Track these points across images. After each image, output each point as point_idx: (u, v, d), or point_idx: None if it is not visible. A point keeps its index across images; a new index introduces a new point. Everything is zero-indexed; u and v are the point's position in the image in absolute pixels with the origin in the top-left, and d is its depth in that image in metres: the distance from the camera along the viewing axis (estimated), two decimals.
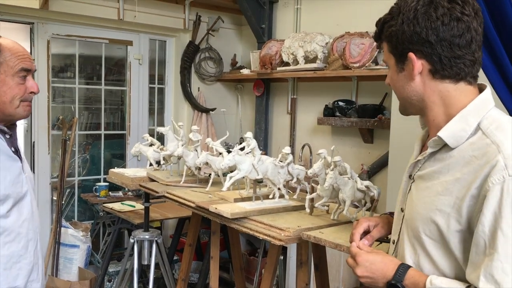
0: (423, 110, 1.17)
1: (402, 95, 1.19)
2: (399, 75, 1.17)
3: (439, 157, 1.13)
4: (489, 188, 0.98)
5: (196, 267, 4.10)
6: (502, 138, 1.03)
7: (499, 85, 1.54)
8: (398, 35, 1.12)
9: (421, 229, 1.11)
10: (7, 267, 1.56)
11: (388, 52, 1.18)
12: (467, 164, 1.05)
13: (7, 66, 1.53)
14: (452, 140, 1.09)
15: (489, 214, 0.98)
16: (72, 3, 3.74)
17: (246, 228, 1.88)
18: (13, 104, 1.56)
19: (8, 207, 1.54)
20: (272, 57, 4.00)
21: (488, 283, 0.97)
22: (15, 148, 1.64)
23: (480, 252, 1.00)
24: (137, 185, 2.63)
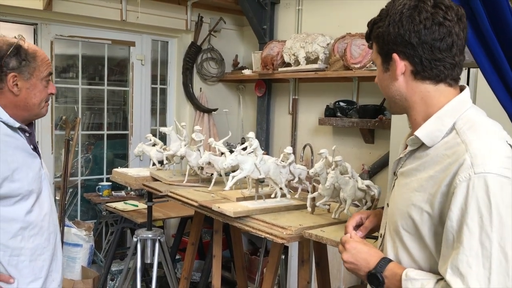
0: (406, 110, 1.23)
1: (387, 94, 1.24)
2: (385, 75, 1.22)
3: (417, 155, 1.18)
4: (456, 185, 1.03)
5: (198, 266, 4.13)
6: (472, 137, 1.07)
7: (499, 89, 1.55)
8: (384, 36, 1.17)
9: (400, 223, 1.17)
10: (32, 259, 1.66)
11: (376, 52, 1.23)
12: (439, 162, 1.10)
13: (39, 71, 1.65)
14: (428, 139, 1.14)
15: (456, 210, 1.02)
16: (75, 4, 3.78)
17: (248, 226, 1.90)
18: (40, 106, 1.69)
19: (32, 202, 1.63)
20: (273, 57, 4.03)
21: (454, 275, 1.01)
22: (34, 146, 1.72)
23: (449, 246, 1.04)
24: (140, 184, 2.65)
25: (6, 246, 1.59)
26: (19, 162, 1.60)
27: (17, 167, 1.59)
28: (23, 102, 1.64)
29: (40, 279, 1.69)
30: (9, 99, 1.62)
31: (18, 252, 1.62)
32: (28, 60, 1.62)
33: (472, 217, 1.00)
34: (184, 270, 2.87)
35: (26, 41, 1.68)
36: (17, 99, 1.63)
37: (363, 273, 1.20)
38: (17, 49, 1.61)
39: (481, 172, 1.01)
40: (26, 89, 1.63)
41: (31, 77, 1.64)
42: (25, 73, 1.62)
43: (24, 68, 1.62)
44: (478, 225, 0.99)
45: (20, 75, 1.61)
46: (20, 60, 1.61)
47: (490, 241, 0.99)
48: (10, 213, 1.59)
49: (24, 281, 1.64)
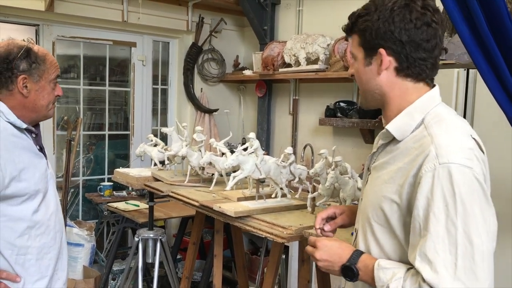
0: (382, 104, 1.25)
1: (366, 87, 1.25)
2: (366, 69, 1.22)
3: (388, 149, 1.23)
4: (422, 175, 1.07)
5: (199, 265, 4.15)
6: (437, 131, 1.12)
7: (497, 89, 1.57)
8: (372, 30, 1.18)
9: (371, 215, 1.20)
10: (39, 258, 1.68)
11: (358, 45, 1.23)
12: (408, 155, 1.15)
13: (48, 73, 1.69)
14: (398, 133, 1.19)
15: (422, 199, 1.06)
16: (77, 5, 3.80)
17: (249, 226, 1.92)
18: (47, 107, 1.72)
19: (38, 201, 1.66)
20: (274, 58, 4.05)
21: (422, 261, 1.05)
22: (40, 146, 1.75)
23: (416, 234, 1.09)
24: (142, 184, 2.68)
25: (13, 244, 1.61)
26: (25, 162, 1.62)
27: (24, 167, 1.61)
28: (32, 103, 1.67)
29: (46, 278, 1.71)
30: (18, 100, 1.65)
31: (24, 251, 1.64)
32: (38, 63, 1.66)
33: (438, 206, 1.04)
34: (185, 269, 2.89)
35: (35, 44, 1.71)
36: (26, 101, 1.66)
37: (337, 268, 1.22)
38: (27, 52, 1.64)
39: (445, 162, 1.05)
40: (35, 91, 1.67)
41: (40, 80, 1.67)
42: (34, 75, 1.65)
43: (34, 71, 1.65)
44: (444, 213, 1.04)
45: (29, 77, 1.65)
46: (30, 62, 1.64)
47: (456, 228, 1.03)
48: (17, 212, 1.61)
49: (30, 280, 1.66)
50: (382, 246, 1.19)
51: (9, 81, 1.63)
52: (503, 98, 1.59)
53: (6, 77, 1.62)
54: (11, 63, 1.61)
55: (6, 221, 1.59)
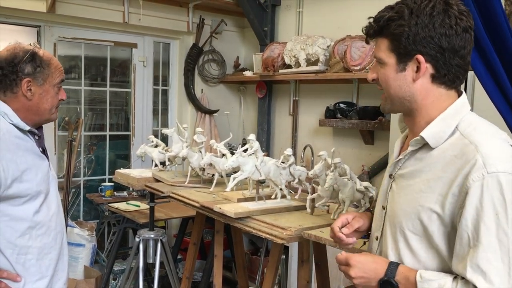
0: (412, 111, 1.22)
1: (397, 94, 1.20)
2: (398, 74, 1.18)
3: (419, 156, 1.20)
4: (469, 185, 1.06)
5: (199, 266, 4.16)
6: (480, 138, 1.11)
7: (494, 92, 1.59)
8: (409, 35, 1.14)
9: (405, 225, 1.18)
10: (39, 258, 1.70)
11: (388, 49, 1.18)
12: (448, 164, 1.12)
13: (52, 78, 1.72)
14: (433, 140, 1.16)
15: (471, 209, 1.05)
16: (78, 7, 3.82)
17: (249, 227, 1.94)
18: (51, 111, 1.75)
19: (40, 202, 1.68)
20: (274, 59, 4.06)
21: (475, 273, 1.04)
22: (43, 148, 1.78)
23: (464, 245, 1.07)
24: (143, 185, 2.69)
25: (14, 244, 1.64)
26: (28, 163, 1.65)
27: (26, 168, 1.64)
28: (35, 106, 1.70)
29: (47, 278, 1.73)
30: (22, 103, 1.68)
31: (25, 251, 1.66)
32: (43, 67, 1.69)
33: (489, 215, 1.03)
34: (185, 269, 2.91)
35: (41, 48, 1.74)
36: (29, 104, 1.69)
37: (375, 283, 1.18)
38: (33, 56, 1.67)
39: (493, 171, 1.04)
40: (39, 94, 1.69)
41: (44, 83, 1.70)
42: (38, 79, 1.68)
43: (38, 74, 1.68)
44: (494, 222, 1.03)
45: (34, 80, 1.68)
46: (35, 66, 1.67)
47: (507, 237, 1.03)
48: (19, 212, 1.63)
49: (31, 279, 1.68)
50: (418, 256, 1.17)
51: (14, 84, 1.66)
52: (500, 100, 1.61)
53: (11, 79, 1.65)
54: (16, 66, 1.64)
55: (8, 221, 1.62)
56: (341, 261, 1.24)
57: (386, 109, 1.27)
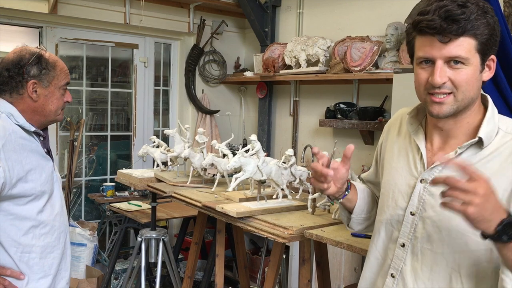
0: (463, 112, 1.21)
1: (475, 95, 1.19)
2: (479, 75, 1.17)
3: (466, 157, 1.19)
4: None
5: (201, 265, 4.19)
6: None
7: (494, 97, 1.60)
8: (492, 35, 1.14)
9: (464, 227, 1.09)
10: (42, 257, 1.73)
11: (473, 49, 1.14)
12: (507, 160, 1.16)
13: (57, 80, 1.76)
14: (487, 140, 1.18)
15: None
16: (80, 8, 3.84)
17: (251, 226, 1.96)
18: (56, 113, 1.78)
19: (43, 202, 1.71)
20: (275, 60, 4.08)
21: None
22: (47, 149, 1.80)
23: None
24: (145, 185, 2.72)
25: (18, 243, 1.66)
26: (33, 164, 1.67)
27: (31, 169, 1.66)
28: (41, 108, 1.73)
29: (50, 276, 1.76)
30: (28, 104, 1.71)
31: (29, 249, 1.69)
32: (48, 69, 1.72)
33: None
34: (187, 269, 2.93)
35: (47, 51, 1.78)
36: (35, 105, 1.72)
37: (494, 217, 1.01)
38: (39, 58, 1.71)
39: None
40: (44, 96, 1.73)
41: (49, 85, 1.74)
42: (44, 81, 1.72)
43: (43, 76, 1.72)
44: None
45: (39, 82, 1.71)
46: (41, 68, 1.71)
47: None
48: (23, 211, 1.66)
49: (34, 278, 1.71)
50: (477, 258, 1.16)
51: (20, 86, 1.69)
52: (502, 107, 1.63)
53: (17, 81, 1.68)
54: (22, 68, 1.68)
55: (12, 220, 1.65)
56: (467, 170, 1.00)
57: (451, 112, 1.19)
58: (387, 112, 3.44)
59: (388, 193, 1.34)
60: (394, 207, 1.31)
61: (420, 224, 1.25)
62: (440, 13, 1.12)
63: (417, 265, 1.25)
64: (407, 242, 1.27)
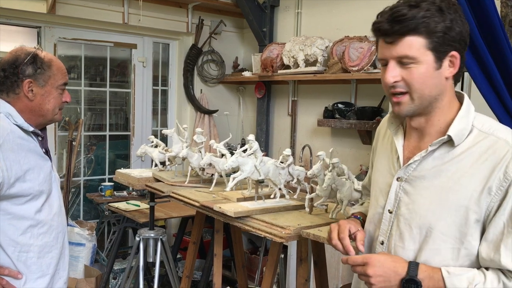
0: (432, 110, 1.21)
1: (431, 93, 1.18)
2: (436, 72, 1.16)
3: (438, 156, 1.20)
4: (510, 177, 1.10)
5: (199, 265, 4.19)
6: (504, 134, 1.16)
7: (489, 95, 1.61)
8: (447, 32, 1.13)
9: (434, 225, 1.18)
10: (40, 256, 1.73)
11: (423, 47, 1.15)
12: (478, 160, 1.14)
13: (54, 79, 1.76)
14: (457, 138, 1.18)
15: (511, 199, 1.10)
16: (78, 8, 3.84)
17: (248, 226, 1.96)
18: (54, 112, 1.78)
19: (41, 202, 1.72)
20: (273, 60, 4.09)
21: (509, 257, 1.08)
22: (46, 149, 1.81)
23: (498, 233, 1.11)
24: (143, 185, 2.71)
25: (16, 242, 1.67)
26: (31, 163, 1.68)
27: (29, 168, 1.67)
28: (38, 107, 1.74)
29: (48, 276, 1.76)
30: (25, 103, 1.72)
31: (27, 249, 1.69)
32: (43, 68, 1.73)
33: None
34: (185, 268, 2.93)
35: (44, 51, 1.79)
36: (32, 104, 1.72)
37: (395, 282, 1.16)
38: (34, 58, 1.72)
39: None
40: (41, 95, 1.73)
41: (45, 84, 1.74)
42: (39, 80, 1.72)
43: (39, 76, 1.72)
44: None
45: (35, 81, 1.72)
46: (36, 68, 1.71)
47: None
48: (21, 211, 1.67)
49: (32, 277, 1.71)
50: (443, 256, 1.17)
51: (15, 85, 1.69)
52: (496, 104, 1.64)
53: (12, 81, 1.69)
54: (17, 68, 1.68)
55: (10, 219, 1.65)
56: (357, 261, 1.21)
57: (409, 111, 1.22)
58: (385, 112, 3.45)
59: (372, 193, 1.39)
60: (376, 206, 1.35)
61: (395, 222, 1.27)
62: (387, 15, 1.17)
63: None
64: (385, 239, 1.30)
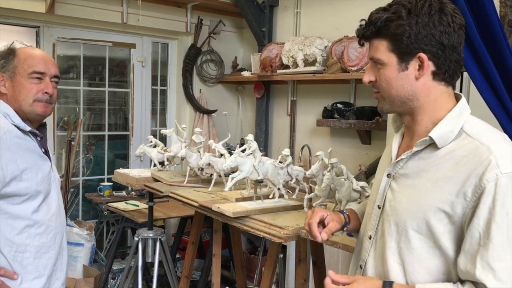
0: (413, 110, 1.22)
1: (398, 93, 1.20)
2: (400, 74, 1.18)
3: (424, 156, 1.20)
4: (484, 185, 1.07)
5: (198, 265, 4.19)
6: (491, 140, 1.13)
7: (489, 96, 1.61)
8: (411, 34, 1.14)
9: (409, 224, 1.18)
10: (37, 257, 1.72)
11: (388, 50, 1.18)
12: (458, 164, 1.12)
13: (22, 69, 1.72)
14: (441, 140, 1.17)
15: (484, 208, 1.06)
16: (77, 7, 3.84)
17: (247, 226, 1.96)
18: (27, 102, 1.72)
19: (39, 202, 1.71)
20: (272, 59, 4.09)
21: (484, 270, 1.05)
22: (45, 149, 1.80)
23: (474, 243, 1.08)
24: (142, 185, 2.71)
25: (12, 242, 1.66)
26: (28, 163, 1.68)
27: (27, 168, 1.66)
28: (12, 99, 1.73)
29: (44, 276, 1.75)
30: (4, 98, 1.73)
31: (23, 249, 1.69)
32: (8, 59, 1.72)
33: (501, 214, 1.05)
34: (184, 269, 2.93)
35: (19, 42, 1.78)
36: (7, 98, 1.73)
37: None
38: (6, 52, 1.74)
39: (508, 172, 1.06)
40: (12, 87, 1.72)
41: (14, 75, 1.72)
42: (7, 72, 1.72)
43: (6, 67, 1.72)
44: (505, 222, 1.05)
45: (5, 74, 1.72)
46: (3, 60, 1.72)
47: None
48: (18, 210, 1.66)
49: (28, 277, 1.70)
50: (419, 255, 1.17)
51: None
52: (496, 105, 1.63)
53: None
54: None
55: (7, 219, 1.65)
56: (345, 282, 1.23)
57: (384, 109, 1.27)
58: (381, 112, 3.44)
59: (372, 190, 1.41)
60: (370, 201, 1.38)
61: (381, 218, 1.29)
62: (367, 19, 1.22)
63: (376, 258, 1.29)
64: (373, 234, 1.31)
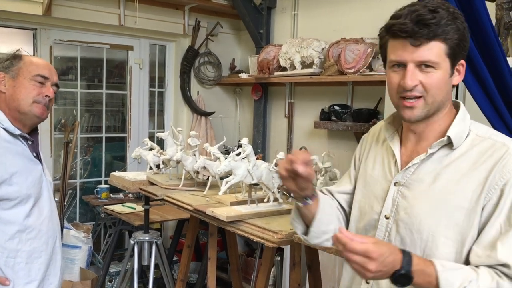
0: (436, 115, 1.23)
1: (443, 99, 1.20)
2: (449, 79, 1.19)
3: (438, 159, 1.21)
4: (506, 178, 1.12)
5: (195, 267, 4.18)
6: (502, 137, 1.20)
7: (483, 102, 1.61)
8: (463, 40, 1.16)
9: (434, 229, 1.17)
10: (29, 262, 1.72)
11: (444, 53, 1.16)
12: (476, 162, 1.16)
13: (26, 71, 1.76)
14: (456, 140, 1.20)
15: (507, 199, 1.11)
16: (74, 10, 3.83)
17: (241, 230, 1.96)
18: (26, 102, 1.74)
19: (30, 206, 1.71)
20: (270, 62, 4.08)
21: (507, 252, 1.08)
22: (36, 153, 1.80)
23: (495, 232, 1.11)
24: (137, 188, 2.71)
25: (3, 247, 1.66)
26: (18, 166, 1.68)
27: (16, 171, 1.66)
28: (10, 98, 1.75)
29: (36, 281, 1.74)
30: (3, 98, 1.75)
31: (14, 254, 1.68)
32: (14, 61, 1.77)
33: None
34: (180, 272, 2.93)
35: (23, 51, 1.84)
36: (5, 96, 1.75)
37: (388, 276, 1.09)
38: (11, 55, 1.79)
39: None
40: (12, 86, 1.75)
41: (17, 76, 1.76)
42: (10, 72, 1.76)
43: (10, 68, 1.76)
44: None
45: (7, 74, 1.75)
46: (9, 62, 1.77)
47: None
48: (9, 216, 1.66)
49: (20, 283, 1.70)
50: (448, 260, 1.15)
51: None
52: (490, 111, 1.63)
53: None
54: None
55: None
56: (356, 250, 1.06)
57: (421, 116, 1.21)
58: (381, 114, 3.44)
59: (365, 200, 1.36)
60: (370, 212, 1.33)
61: (394, 228, 1.25)
62: (412, 17, 1.14)
63: None
64: None
